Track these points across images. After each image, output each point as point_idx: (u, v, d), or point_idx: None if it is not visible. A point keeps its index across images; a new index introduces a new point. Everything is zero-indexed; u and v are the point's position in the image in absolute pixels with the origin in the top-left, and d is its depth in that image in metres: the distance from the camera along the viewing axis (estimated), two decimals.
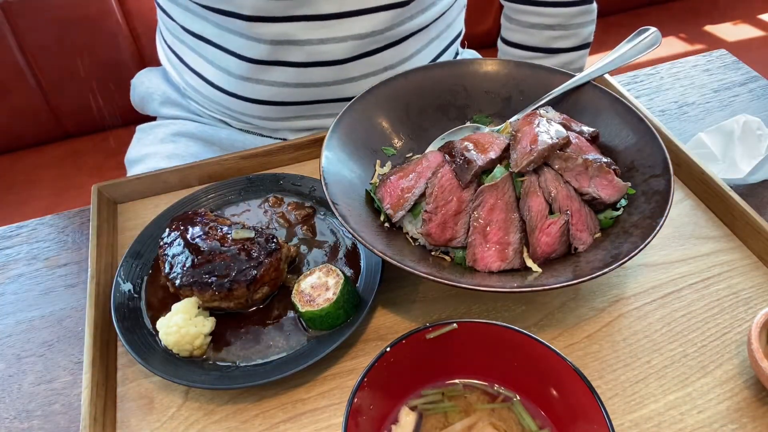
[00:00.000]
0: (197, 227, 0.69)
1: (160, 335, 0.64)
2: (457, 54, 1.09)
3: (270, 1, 0.81)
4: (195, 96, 1.02)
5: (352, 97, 0.78)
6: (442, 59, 1.00)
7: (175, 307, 0.65)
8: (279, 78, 0.90)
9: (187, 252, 0.67)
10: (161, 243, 0.70)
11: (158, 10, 0.99)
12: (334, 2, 0.82)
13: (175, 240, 0.69)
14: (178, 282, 0.66)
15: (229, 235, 0.68)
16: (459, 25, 1.04)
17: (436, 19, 0.93)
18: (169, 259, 0.68)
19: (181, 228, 0.70)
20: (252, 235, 0.69)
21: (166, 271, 0.67)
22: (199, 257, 0.67)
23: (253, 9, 0.82)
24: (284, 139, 0.99)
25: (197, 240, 0.68)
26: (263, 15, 0.83)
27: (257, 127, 0.99)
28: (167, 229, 0.71)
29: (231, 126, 1.02)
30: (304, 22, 0.83)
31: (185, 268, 0.66)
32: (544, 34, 1.01)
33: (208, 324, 0.65)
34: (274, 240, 0.68)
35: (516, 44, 1.05)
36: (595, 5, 1.01)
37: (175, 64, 1.02)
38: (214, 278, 0.65)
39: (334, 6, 0.83)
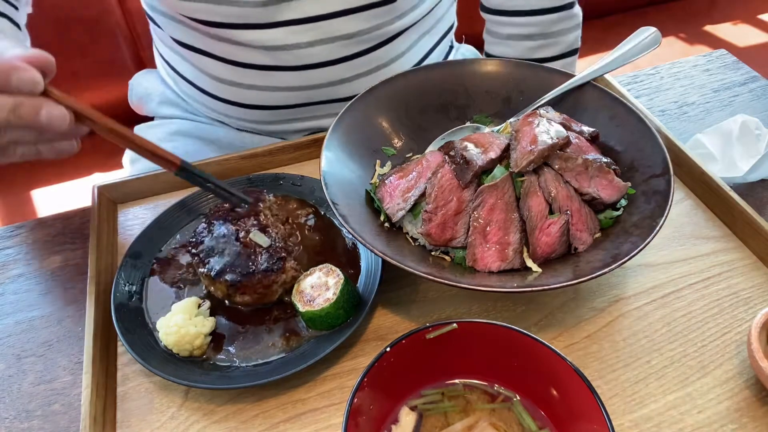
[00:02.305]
0: (232, 224, 0.69)
1: (160, 335, 0.64)
2: (451, 47, 1.09)
3: (252, 8, 0.80)
4: (191, 101, 1.02)
5: (348, 98, 0.77)
6: (434, 54, 1.00)
7: (175, 307, 0.65)
8: (272, 83, 0.89)
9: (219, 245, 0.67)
10: (194, 238, 0.69)
11: (149, 20, 0.98)
12: (316, 4, 0.82)
13: (208, 232, 0.69)
14: (213, 274, 0.65)
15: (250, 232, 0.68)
16: (450, 19, 1.04)
17: (426, 15, 0.93)
18: (205, 251, 0.67)
19: (214, 222, 0.70)
20: (265, 245, 0.67)
21: (200, 264, 0.67)
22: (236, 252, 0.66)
23: (237, 17, 0.81)
24: (283, 138, 0.99)
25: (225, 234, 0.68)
26: (248, 22, 0.82)
27: (255, 129, 1.00)
28: (203, 222, 0.71)
29: (229, 126, 1.02)
30: (290, 27, 0.83)
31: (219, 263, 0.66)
32: (523, 45, 0.97)
33: (208, 324, 0.65)
34: (281, 260, 0.66)
35: (497, 57, 1.00)
36: (577, 9, 0.96)
37: (170, 73, 1.02)
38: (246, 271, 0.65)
39: (317, 8, 0.82)
